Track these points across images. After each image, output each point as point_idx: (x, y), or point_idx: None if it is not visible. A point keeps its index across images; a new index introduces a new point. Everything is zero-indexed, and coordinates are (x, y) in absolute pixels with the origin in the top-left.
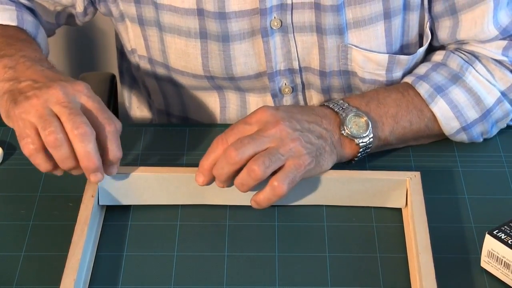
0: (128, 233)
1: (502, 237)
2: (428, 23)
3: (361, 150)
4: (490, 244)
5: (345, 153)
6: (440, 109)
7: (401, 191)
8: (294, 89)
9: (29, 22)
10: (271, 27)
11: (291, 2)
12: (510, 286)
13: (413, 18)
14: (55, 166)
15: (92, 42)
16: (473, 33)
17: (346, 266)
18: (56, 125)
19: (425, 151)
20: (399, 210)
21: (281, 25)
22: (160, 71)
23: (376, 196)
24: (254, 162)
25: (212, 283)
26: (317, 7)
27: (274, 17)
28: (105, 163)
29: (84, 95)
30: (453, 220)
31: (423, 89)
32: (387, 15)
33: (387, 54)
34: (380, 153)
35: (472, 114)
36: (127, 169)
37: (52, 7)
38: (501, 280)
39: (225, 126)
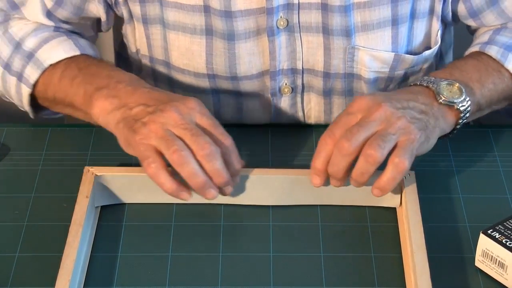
0: (122, 234)
1: (497, 237)
2: (440, 31)
3: (462, 115)
4: (484, 243)
5: (447, 122)
6: None
7: (395, 190)
8: (293, 90)
9: (87, 46)
10: (277, 27)
11: (297, 2)
12: (504, 286)
13: (419, 26)
14: (180, 186)
15: None
16: None
17: (341, 265)
18: (180, 143)
19: None
20: (393, 210)
21: (287, 25)
22: (161, 70)
23: (370, 196)
24: (369, 147)
25: (207, 283)
26: (324, 7)
27: (281, 17)
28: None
29: (198, 112)
30: (448, 219)
31: (493, 51)
32: (394, 22)
33: (393, 53)
34: None
35: None
36: (122, 170)
37: (88, 22)
38: (496, 280)
39: None
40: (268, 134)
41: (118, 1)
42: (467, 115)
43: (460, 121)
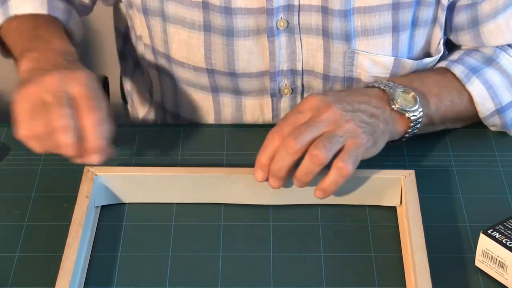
0: (122, 234)
1: (497, 237)
2: (442, 40)
3: (412, 124)
4: (484, 243)
5: (397, 129)
6: (476, 89)
7: (395, 189)
8: (293, 91)
9: (60, 10)
10: (277, 27)
11: (298, 4)
12: (504, 285)
13: (420, 34)
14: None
15: (84, 44)
16: (503, 41)
17: (341, 265)
18: (43, 116)
19: (419, 150)
20: (393, 210)
21: (287, 26)
22: (162, 62)
23: (370, 195)
24: (315, 148)
25: (207, 283)
26: (325, 10)
27: (281, 18)
28: (87, 152)
29: (80, 83)
30: (448, 219)
31: (459, 70)
32: (395, 29)
33: (393, 57)
34: None
35: (507, 96)
36: (122, 169)
37: None
38: (496, 279)
39: (220, 126)
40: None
41: None
42: (418, 125)
43: (410, 131)
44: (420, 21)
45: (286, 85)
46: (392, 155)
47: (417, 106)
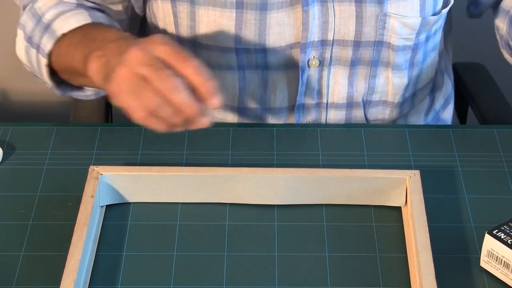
0: (127, 233)
1: (502, 237)
2: None
3: None
4: (489, 243)
5: None
6: None
7: (400, 189)
8: (321, 63)
9: (102, 17)
10: None
11: None
12: (509, 286)
13: None
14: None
15: None
16: None
17: (346, 265)
18: (150, 88)
19: (424, 150)
20: (398, 210)
21: None
22: (186, 49)
23: (375, 195)
24: None
25: (211, 283)
26: None
27: None
28: (207, 95)
29: (160, 43)
30: (453, 219)
31: None
32: None
33: (420, 18)
34: (380, 151)
35: None
36: (127, 169)
37: (119, 6)
38: (501, 280)
39: (225, 126)
40: (273, 133)
41: None
42: None
43: None
44: None
45: (314, 57)
46: (397, 155)
47: None
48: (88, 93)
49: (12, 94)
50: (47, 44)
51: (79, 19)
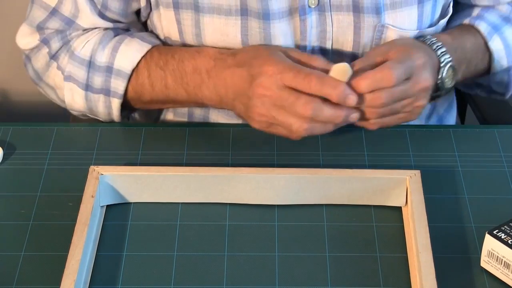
0: (128, 233)
1: (502, 237)
2: (451, 2)
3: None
4: (490, 244)
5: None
6: (495, 47)
7: (401, 189)
8: None
9: (149, 36)
10: (309, 5)
11: None
12: (510, 286)
13: (440, 3)
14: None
15: None
16: None
17: (346, 265)
18: (303, 97)
19: (425, 150)
20: (399, 210)
21: (318, 3)
22: None
23: (376, 195)
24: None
25: (212, 283)
26: None
27: None
28: (340, 101)
29: (277, 74)
30: (453, 219)
31: (482, 27)
32: (420, 0)
33: (417, 30)
34: (380, 152)
35: None
36: (127, 169)
37: (134, 17)
38: (501, 280)
39: (225, 126)
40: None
41: None
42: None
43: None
44: None
45: None
46: (397, 155)
47: (453, 81)
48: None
49: (12, 94)
50: (119, 85)
51: (137, 48)
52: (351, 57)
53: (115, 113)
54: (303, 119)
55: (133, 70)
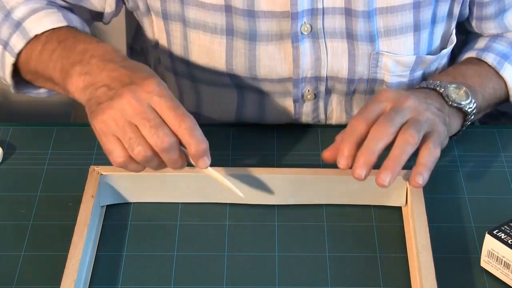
0: (128, 233)
1: (502, 237)
2: (454, 30)
3: (468, 117)
4: (490, 244)
5: (455, 123)
6: (509, 74)
7: (401, 189)
8: (316, 96)
9: (76, 20)
10: (301, 32)
11: (322, 7)
12: (510, 286)
13: (439, 30)
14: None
15: None
16: None
17: (346, 265)
18: (143, 143)
19: None
20: (399, 210)
21: (311, 30)
22: (180, 66)
23: (376, 195)
24: (407, 129)
25: (212, 283)
26: (348, 12)
27: (304, 22)
28: (192, 157)
29: (156, 95)
30: (453, 219)
31: (490, 58)
32: (416, 27)
33: (415, 56)
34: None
35: None
36: None
37: (86, 10)
38: (501, 280)
39: (225, 126)
40: (273, 133)
41: None
42: (472, 117)
43: (466, 123)
44: (438, 17)
45: (309, 91)
46: None
47: (470, 99)
48: (41, 91)
49: (12, 94)
50: (18, 43)
51: (53, 20)
52: (347, 84)
53: (7, 71)
54: (149, 146)
55: (36, 36)
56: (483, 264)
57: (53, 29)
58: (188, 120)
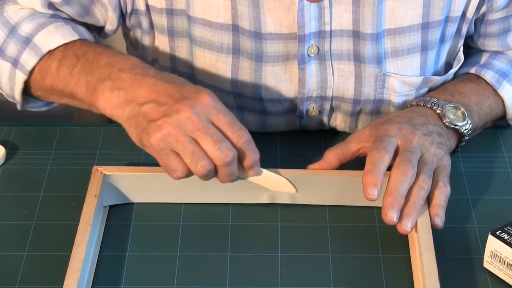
0: (131, 233)
1: (505, 238)
2: (461, 48)
3: (463, 138)
4: (493, 244)
5: (452, 144)
6: (507, 93)
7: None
8: (320, 112)
9: (85, 32)
10: (308, 54)
11: (329, 30)
12: None
13: (446, 48)
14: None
15: None
16: None
17: (349, 266)
18: (205, 157)
19: None
20: None
21: (318, 52)
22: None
23: (379, 196)
24: (420, 177)
25: (214, 283)
26: (356, 35)
27: (312, 44)
28: (247, 167)
29: (213, 109)
30: (456, 220)
31: (489, 75)
32: (424, 48)
33: (422, 76)
34: None
35: None
36: (131, 169)
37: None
38: (504, 281)
39: None
40: (276, 135)
41: (138, 10)
42: (467, 138)
43: (461, 144)
44: (446, 37)
45: (313, 108)
46: None
47: (466, 120)
48: (40, 104)
49: None
50: (30, 60)
51: (64, 34)
52: (353, 104)
53: (17, 89)
54: (211, 160)
55: (49, 52)
56: (486, 265)
57: (66, 43)
58: (246, 133)
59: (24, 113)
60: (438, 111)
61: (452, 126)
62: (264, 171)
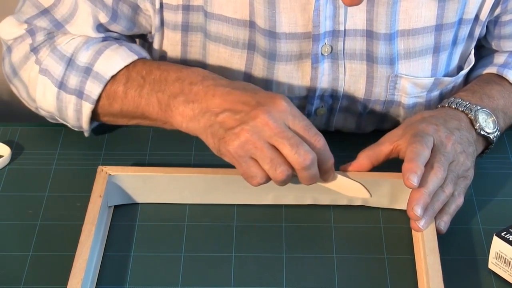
0: (135, 233)
1: (510, 239)
2: (473, 51)
3: (491, 146)
4: (498, 245)
5: (479, 150)
6: None
7: (408, 192)
8: (329, 111)
9: (140, 49)
10: (322, 53)
11: (343, 29)
12: None
13: (459, 51)
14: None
15: None
16: None
17: (353, 267)
18: (285, 162)
19: None
20: (406, 212)
21: (331, 51)
22: None
23: (383, 198)
24: (445, 182)
25: (219, 283)
26: (369, 34)
27: (325, 43)
28: (322, 172)
29: (289, 114)
30: (461, 221)
31: (511, 75)
32: (436, 49)
33: (433, 78)
34: None
35: None
36: (135, 169)
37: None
38: (509, 282)
39: None
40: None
41: (155, 9)
42: (493, 145)
43: (487, 150)
44: (459, 39)
45: (322, 107)
46: None
47: (496, 128)
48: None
49: None
50: (94, 89)
51: (123, 56)
52: (363, 104)
53: (85, 119)
54: (290, 165)
55: (112, 77)
56: (491, 266)
57: (127, 65)
58: (322, 138)
59: (29, 113)
60: (470, 116)
61: (483, 132)
62: (339, 176)
